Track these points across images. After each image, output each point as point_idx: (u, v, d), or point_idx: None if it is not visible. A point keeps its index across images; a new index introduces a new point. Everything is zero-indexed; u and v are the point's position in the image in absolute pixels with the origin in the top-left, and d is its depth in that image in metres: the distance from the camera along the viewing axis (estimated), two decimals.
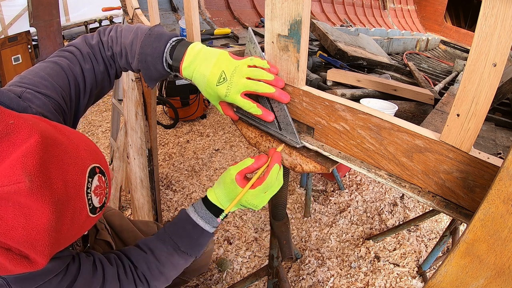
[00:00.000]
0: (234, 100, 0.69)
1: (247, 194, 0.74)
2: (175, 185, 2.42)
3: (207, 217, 0.80)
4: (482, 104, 0.45)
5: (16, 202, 0.42)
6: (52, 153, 0.47)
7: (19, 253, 0.45)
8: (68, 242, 0.51)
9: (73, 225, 0.49)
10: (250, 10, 2.19)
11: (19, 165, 0.42)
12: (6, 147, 0.43)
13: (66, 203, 0.47)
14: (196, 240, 0.81)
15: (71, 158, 0.49)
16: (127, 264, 0.76)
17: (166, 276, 0.80)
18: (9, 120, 0.45)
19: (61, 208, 0.46)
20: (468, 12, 4.80)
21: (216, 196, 0.79)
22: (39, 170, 0.43)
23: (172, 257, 0.80)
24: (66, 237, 0.49)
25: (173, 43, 0.74)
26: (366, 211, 2.23)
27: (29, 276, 0.57)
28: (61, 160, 0.47)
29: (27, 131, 0.45)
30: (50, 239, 0.45)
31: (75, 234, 0.52)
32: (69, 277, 0.63)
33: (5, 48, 3.24)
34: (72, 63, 0.73)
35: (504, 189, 0.40)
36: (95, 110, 3.60)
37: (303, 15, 0.61)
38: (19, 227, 0.43)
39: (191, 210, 0.82)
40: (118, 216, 1.17)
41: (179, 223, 0.82)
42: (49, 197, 0.44)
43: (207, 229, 0.81)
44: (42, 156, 0.45)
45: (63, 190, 0.46)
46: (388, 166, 0.60)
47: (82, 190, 0.50)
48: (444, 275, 0.50)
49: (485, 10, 0.41)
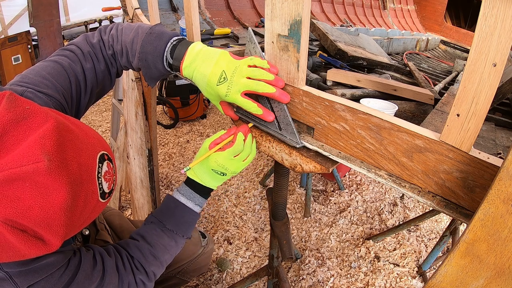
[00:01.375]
0: (235, 100, 0.70)
1: (218, 156, 0.78)
2: (175, 185, 2.42)
3: (187, 194, 0.84)
4: (482, 104, 0.45)
5: (34, 182, 0.43)
6: (66, 137, 0.48)
7: (34, 235, 0.45)
8: (79, 226, 0.52)
9: (85, 208, 0.50)
10: (250, 10, 2.19)
11: (38, 145, 0.44)
12: (23, 131, 0.45)
13: (80, 185, 0.48)
14: (181, 218, 0.84)
15: (83, 144, 0.51)
16: (124, 255, 0.77)
17: (160, 260, 0.82)
18: (25, 105, 0.47)
19: (75, 190, 0.47)
20: (468, 12, 4.80)
21: (194, 172, 0.83)
22: (56, 150, 0.45)
23: (162, 238, 0.82)
24: (79, 220, 0.50)
25: (174, 43, 0.74)
26: (366, 211, 2.23)
27: (31, 270, 0.57)
28: (74, 144, 0.49)
29: (43, 115, 0.47)
30: (65, 219, 0.46)
31: (86, 219, 0.53)
32: (70, 271, 0.64)
33: (5, 48, 3.24)
34: (73, 62, 0.73)
35: (504, 189, 0.40)
36: (95, 110, 3.60)
37: (303, 15, 0.61)
38: (36, 207, 0.44)
39: (174, 191, 0.87)
40: (118, 216, 1.17)
41: (163, 205, 0.86)
42: (66, 177, 0.45)
43: (190, 206, 0.84)
44: (59, 138, 0.46)
45: (78, 172, 0.48)
46: (388, 166, 0.60)
47: (93, 174, 0.52)
48: (444, 275, 0.50)
49: (485, 10, 0.41)
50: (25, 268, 0.57)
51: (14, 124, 0.45)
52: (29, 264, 0.57)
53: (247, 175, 2.55)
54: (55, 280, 0.61)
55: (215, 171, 0.80)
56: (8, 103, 0.45)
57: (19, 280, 0.56)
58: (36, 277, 0.58)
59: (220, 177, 0.82)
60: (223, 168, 0.80)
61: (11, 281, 0.55)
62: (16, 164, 0.42)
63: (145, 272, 0.78)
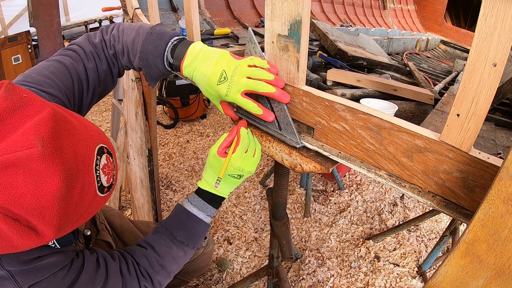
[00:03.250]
0: (235, 100, 0.70)
1: (232, 160, 0.77)
2: (175, 185, 2.42)
3: (200, 205, 0.82)
4: (482, 104, 0.45)
5: (27, 169, 0.43)
6: (63, 126, 0.48)
7: (27, 224, 0.45)
8: (76, 219, 0.51)
9: (82, 200, 0.49)
10: (250, 10, 2.19)
11: (32, 131, 0.44)
12: (20, 119, 0.45)
13: (75, 174, 0.48)
14: (192, 229, 0.82)
15: (81, 135, 0.51)
16: (130, 261, 0.77)
17: (168, 270, 0.81)
18: (23, 94, 0.47)
19: (71, 179, 0.46)
20: (468, 12, 4.80)
21: (205, 181, 0.81)
22: (51, 137, 0.45)
23: (171, 249, 0.81)
24: (75, 212, 0.49)
25: (174, 42, 0.74)
26: (366, 211, 2.23)
27: (33, 269, 0.57)
28: (71, 134, 0.49)
29: (40, 104, 0.47)
30: (59, 209, 0.46)
31: (84, 212, 0.52)
32: (73, 272, 0.63)
33: (5, 48, 3.24)
34: (75, 62, 0.73)
35: (504, 189, 0.40)
36: (95, 110, 3.60)
37: (303, 15, 0.61)
38: (28, 194, 0.43)
39: (185, 201, 0.84)
40: (118, 216, 1.17)
41: (174, 215, 0.84)
42: (60, 165, 0.45)
43: (201, 217, 0.82)
44: (54, 126, 0.46)
45: (73, 161, 0.47)
46: (388, 166, 0.60)
47: (91, 165, 0.51)
48: (444, 275, 0.50)
49: (485, 10, 0.41)
50: (26, 267, 0.56)
51: (11, 111, 0.45)
52: (30, 263, 0.57)
53: None
54: (58, 281, 0.60)
55: (231, 175, 0.79)
56: (6, 92, 0.45)
57: (20, 279, 0.56)
58: (38, 277, 0.58)
59: (236, 180, 0.81)
60: (239, 170, 0.78)
61: (12, 279, 0.55)
62: (10, 150, 0.42)
63: (150, 280, 0.77)
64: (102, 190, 0.54)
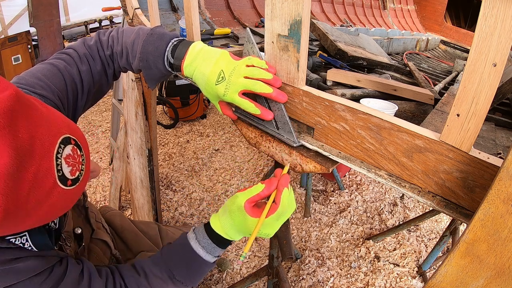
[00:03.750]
0: (233, 99, 0.70)
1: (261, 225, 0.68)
2: (175, 185, 2.42)
3: (209, 247, 0.75)
4: (482, 104, 0.45)
5: None
6: (24, 109, 0.46)
7: None
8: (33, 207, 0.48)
9: (37, 185, 0.47)
10: (250, 10, 2.19)
11: None
12: None
13: (29, 156, 0.46)
14: (194, 270, 0.77)
15: (45, 121, 0.49)
16: (118, 281, 0.73)
17: None
18: None
19: (23, 159, 0.44)
20: (468, 12, 4.80)
21: (221, 225, 0.73)
22: (6, 114, 0.43)
23: (166, 285, 0.76)
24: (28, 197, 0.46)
25: (174, 43, 0.74)
26: (366, 211, 2.23)
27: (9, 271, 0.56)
28: (32, 117, 0.47)
29: (4, 85, 0.45)
30: (5, 188, 0.43)
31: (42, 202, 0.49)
32: (52, 280, 0.61)
33: (5, 48, 3.24)
34: (68, 65, 0.74)
35: (504, 189, 0.40)
36: (95, 110, 3.60)
37: (303, 15, 0.62)
38: None
39: (191, 237, 0.77)
40: (119, 216, 1.17)
41: (178, 250, 0.77)
42: (10, 141, 0.43)
43: (208, 259, 0.76)
44: (13, 105, 0.44)
45: (28, 142, 0.45)
46: (388, 166, 0.60)
47: (50, 151, 0.49)
48: (444, 275, 0.50)
49: (485, 10, 0.41)
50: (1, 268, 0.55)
51: None
52: (5, 264, 0.56)
53: (247, 175, 2.55)
54: (34, 287, 0.58)
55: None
56: None
57: None
58: (12, 279, 0.56)
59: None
60: (263, 234, 0.71)
61: None
62: None
63: None
64: (65, 182, 0.51)
